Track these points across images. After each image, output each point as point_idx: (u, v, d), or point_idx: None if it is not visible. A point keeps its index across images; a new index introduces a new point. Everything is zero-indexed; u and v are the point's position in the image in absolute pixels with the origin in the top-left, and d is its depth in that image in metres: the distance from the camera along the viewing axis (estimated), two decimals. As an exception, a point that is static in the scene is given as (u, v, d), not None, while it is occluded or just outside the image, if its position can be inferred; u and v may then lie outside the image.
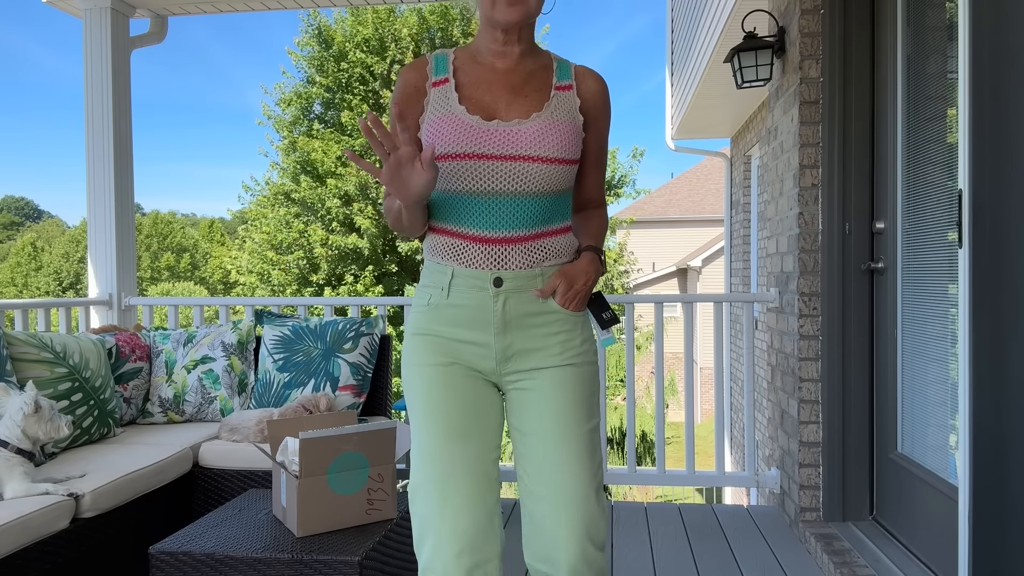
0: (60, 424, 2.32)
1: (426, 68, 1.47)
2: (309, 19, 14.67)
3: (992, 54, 1.77)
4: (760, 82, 3.33)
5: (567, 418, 1.41)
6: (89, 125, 3.95)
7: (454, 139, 1.39)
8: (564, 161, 1.42)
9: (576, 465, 1.39)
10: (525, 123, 1.41)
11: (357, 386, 3.18)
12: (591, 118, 1.50)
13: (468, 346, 1.45)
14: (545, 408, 1.43)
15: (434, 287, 1.46)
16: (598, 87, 1.51)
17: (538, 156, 1.39)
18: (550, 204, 1.45)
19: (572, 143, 1.44)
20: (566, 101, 1.46)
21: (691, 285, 20.93)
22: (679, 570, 2.72)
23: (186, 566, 1.93)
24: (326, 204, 13.77)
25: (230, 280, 16.46)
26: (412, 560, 2.26)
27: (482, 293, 1.42)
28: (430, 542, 1.37)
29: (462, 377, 1.45)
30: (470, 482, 1.37)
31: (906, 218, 2.62)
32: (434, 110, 1.44)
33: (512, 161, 1.38)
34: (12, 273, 36.59)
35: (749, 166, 7.84)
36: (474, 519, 1.36)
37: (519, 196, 1.40)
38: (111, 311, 3.95)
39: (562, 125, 1.43)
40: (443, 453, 1.38)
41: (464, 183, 1.40)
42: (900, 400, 2.68)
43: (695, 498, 11.23)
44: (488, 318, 1.43)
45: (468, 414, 1.42)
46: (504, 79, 1.46)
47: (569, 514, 1.37)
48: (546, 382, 1.44)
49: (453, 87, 1.44)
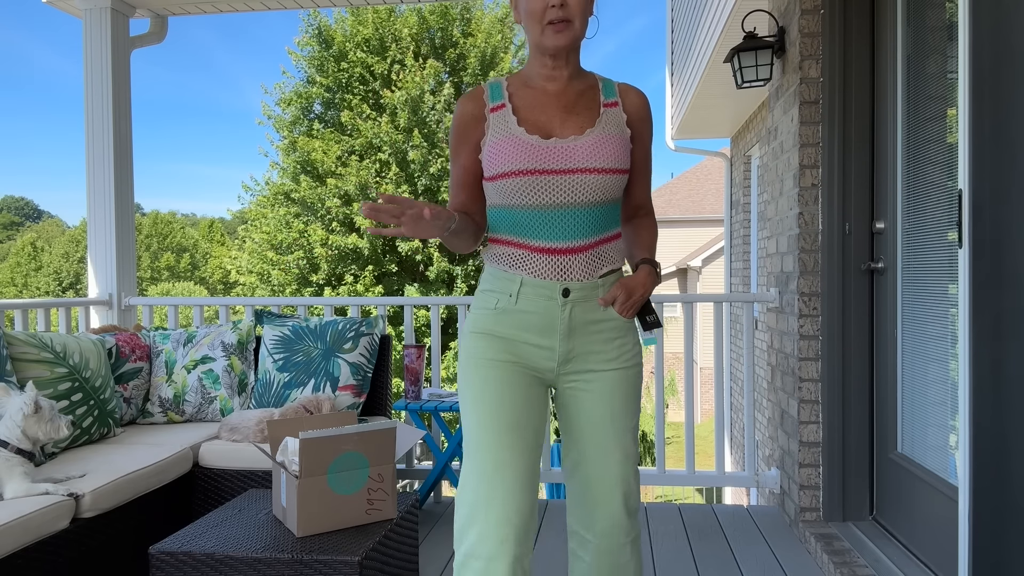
0: (60, 424, 2.32)
1: (483, 96, 1.59)
2: (309, 19, 14.67)
3: (992, 54, 1.77)
4: (760, 82, 3.33)
5: (617, 415, 1.58)
6: (89, 125, 3.95)
7: (517, 157, 1.51)
8: (617, 171, 1.54)
9: (620, 453, 1.57)
10: (580, 139, 1.53)
11: (357, 386, 3.18)
12: (636, 130, 1.62)
13: (533, 348, 1.57)
14: (599, 406, 1.58)
15: (501, 293, 1.57)
16: (640, 101, 1.63)
17: (594, 168, 1.51)
18: (605, 213, 1.57)
19: (622, 154, 1.55)
20: (614, 116, 1.58)
21: (691, 285, 20.93)
22: (679, 570, 2.72)
23: (186, 566, 1.93)
24: (326, 204, 13.77)
25: (230, 280, 16.46)
26: (412, 560, 2.26)
27: (550, 302, 1.54)
28: (476, 529, 1.46)
29: (520, 375, 1.56)
30: (519, 474, 1.48)
31: (906, 218, 2.62)
32: (495, 133, 1.55)
33: (571, 174, 1.50)
34: (12, 273, 36.59)
35: (749, 166, 7.84)
36: (519, 509, 1.46)
37: (578, 207, 1.53)
38: (111, 311, 3.95)
39: (613, 138, 1.55)
40: (496, 443, 1.49)
41: (527, 198, 1.52)
42: (900, 400, 2.68)
43: (695, 498, 11.23)
44: (555, 324, 1.55)
45: (521, 409, 1.53)
46: (556, 100, 1.57)
47: (610, 491, 1.56)
48: (602, 384, 1.59)
49: (511, 111, 1.56)
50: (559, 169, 1.50)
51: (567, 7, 1.48)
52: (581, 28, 1.52)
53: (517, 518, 1.46)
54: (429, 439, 3.41)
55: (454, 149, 1.59)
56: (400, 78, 13.94)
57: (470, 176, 1.61)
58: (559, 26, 1.49)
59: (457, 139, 1.58)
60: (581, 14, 1.51)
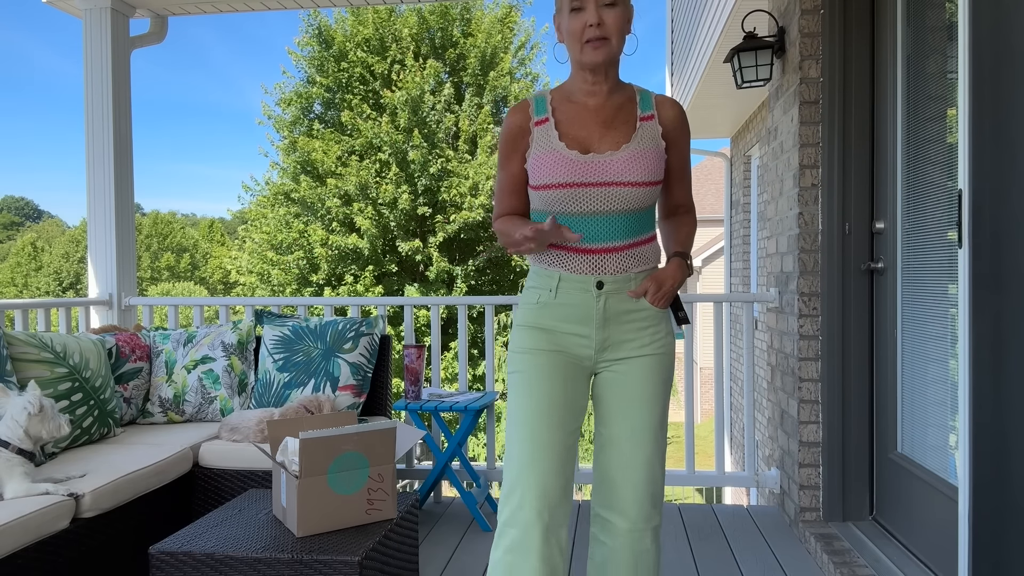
0: (61, 423, 2.33)
1: (528, 110, 1.73)
2: (309, 19, 14.66)
3: (992, 54, 1.77)
4: (760, 82, 3.33)
5: (647, 398, 1.70)
6: (89, 125, 3.95)
7: (558, 172, 1.65)
8: (649, 184, 1.67)
9: (647, 436, 1.69)
10: (616, 154, 1.65)
11: (357, 386, 3.18)
12: (671, 140, 1.73)
13: (573, 337, 1.71)
14: (631, 389, 1.71)
15: (542, 288, 1.73)
16: (675, 112, 1.74)
17: (628, 181, 1.64)
18: (638, 219, 1.70)
19: (656, 168, 1.67)
20: (650, 130, 1.69)
21: (691, 285, 20.93)
22: (679, 570, 2.72)
23: (186, 566, 1.93)
24: (326, 204, 13.77)
25: (230, 280, 16.46)
26: (412, 560, 2.26)
27: (586, 294, 1.69)
28: (515, 499, 1.61)
29: (563, 362, 1.70)
30: (556, 451, 1.64)
31: (906, 218, 2.62)
32: (538, 147, 1.69)
33: (606, 187, 1.64)
34: (12, 273, 36.58)
35: (749, 166, 7.83)
36: (555, 484, 1.62)
37: (613, 214, 1.67)
38: (111, 311, 3.95)
39: (647, 153, 1.67)
40: (538, 423, 1.64)
41: (567, 206, 1.67)
42: (900, 400, 2.68)
43: (695, 498, 11.23)
44: (591, 314, 1.69)
45: (562, 392, 1.68)
46: (596, 115, 1.70)
47: (636, 472, 1.68)
48: (635, 368, 1.71)
49: (553, 125, 1.69)
50: (596, 182, 1.63)
51: (604, 27, 1.60)
52: (618, 45, 1.64)
53: (553, 492, 1.61)
54: (429, 439, 3.41)
55: (504, 157, 1.74)
56: (400, 78, 13.94)
57: (518, 183, 1.76)
58: (596, 43, 1.61)
59: (506, 149, 1.73)
60: (618, 33, 1.63)
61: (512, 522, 1.60)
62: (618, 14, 1.62)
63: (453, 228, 13.71)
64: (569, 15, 1.63)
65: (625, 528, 1.69)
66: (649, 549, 1.71)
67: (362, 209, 13.60)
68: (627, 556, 1.69)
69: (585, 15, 1.60)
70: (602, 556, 1.74)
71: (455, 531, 3.14)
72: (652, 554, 1.71)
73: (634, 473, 1.68)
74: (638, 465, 1.68)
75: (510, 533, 1.60)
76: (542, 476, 1.60)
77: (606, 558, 1.73)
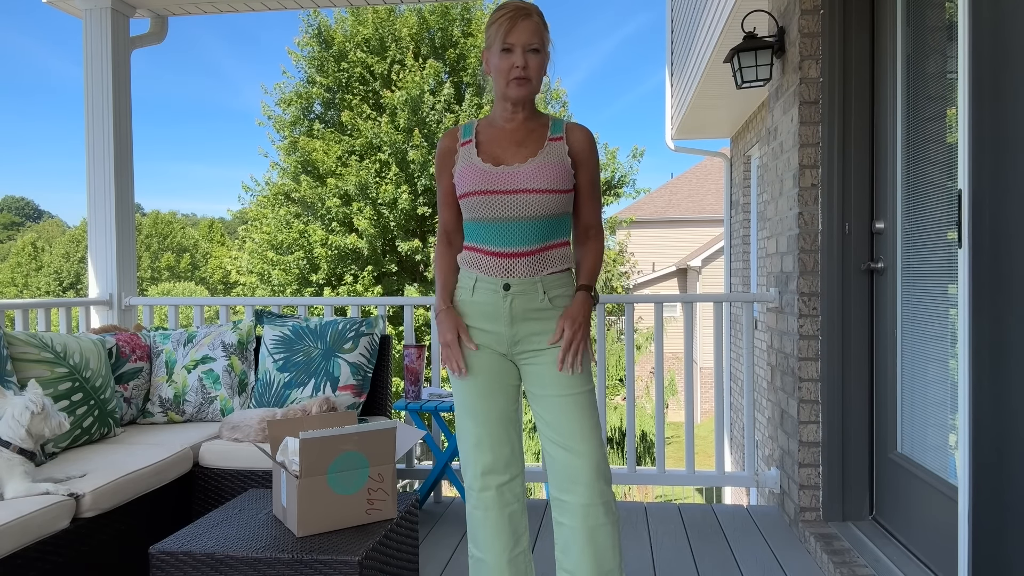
0: (61, 420, 2.33)
1: (457, 134, 2.02)
2: (309, 19, 14.67)
3: (992, 54, 1.77)
4: (760, 82, 3.33)
5: (569, 382, 1.90)
6: (89, 125, 3.95)
7: (474, 181, 1.91)
8: (552, 191, 1.89)
9: (581, 415, 1.89)
10: (523, 165, 1.90)
11: (357, 386, 3.18)
12: (579, 160, 1.96)
13: (485, 333, 1.95)
14: (552, 376, 1.91)
15: (464, 288, 1.98)
16: (582, 135, 1.98)
17: (532, 188, 1.88)
18: (546, 226, 1.92)
19: (559, 178, 1.90)
20: (557, 148, 1.94)
21: (691, 285, 20.93)
22: (679, 570, 2.72)
23: (186, 566, 1.93)
24: (326, 204, 13.77)
25: (230, 280, 16.46)
26: (412, 560, 2.26)
27: (496, 295, 1.92)
28: (469, 471, 1.98)
29: (487, 355, 1.97)
30: (496, 426, 1.96)
31: (906, 218, 2.62)
32: (461, 162, 1.97)
33: (514, 194, 1.88)
34: (12, 273, 36.58)
35: (749, 166, 7.83)
36: (498, 454, 1.96)
37: (523, 220, 1.89)
38: (111, 311, 3.95)
39: (552, 165, 1.91)
40: (475, 405, 1.96)
41: (482, 212, 1.90)
42: (900, 400, 2.68)
43: (695, 498, 11.23)
44: (499, 313, 1.92)
45: (493, 379, 1.97)
46: (511, 136, 1.96)
47: (580, 452, 1.87)
48: (549, 357, 1.92)
49: (474, 145, 1.98)
50: (505, 190, 1.88)
51: (528, 68, 1.88)
52: (537, 84, 1.93)
53: (497, 460, 1.95)
54: (429, 439, 3.41)
55: (438, 174, 2.04)
56: (400, 78, 13.94)
57: (449, 196, 2.02)
58: (520, 81, 1.89)
59: (439, 167, 2.03)
60: (537, 75, 1.91)
61: (472, 487, 1.98)
62: (540, 59, 1.90)
63: (453, 228, 13.68)
64: (500, 54, 1.89)
65: (577, 503, 1.86)
66: (604, 524, 1.86)
67: (362, 209, 13.61)
68: (583, 532, 1.86)
69: (513, 57, 1.87)
70: (563, 539, 1.91)
71: (455, 531, 3.15)
72: (608, 529, 1.87)
73: (579, 453, 1.86)
74: (581, 445, 1.87)
75: (473, 495, 1.98)
76: (483, 454, 1.95)
77: (566, 539, 1.89)
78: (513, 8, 1.89)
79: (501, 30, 1.87)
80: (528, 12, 1.89)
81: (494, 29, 1.89)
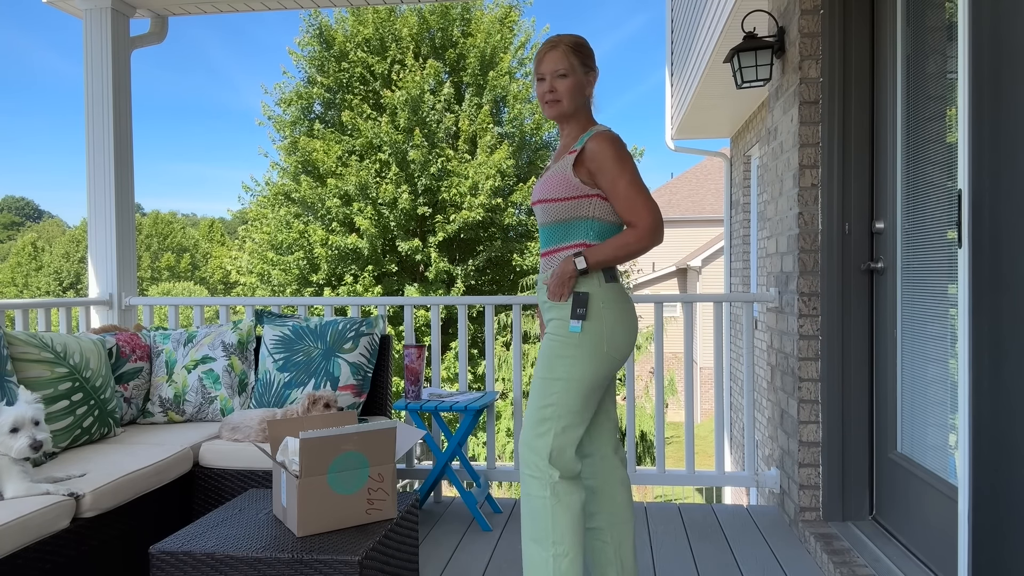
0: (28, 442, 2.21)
1: None
2: (310, 19, 14.66)
3: (992, 54, 1.77)
4: (760, 82, 3.33)
5: (536, 365, 2.13)
6: (89, 125, 3.95)
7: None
8: (543, 201, 2.12)
9: (532, 394, 2.12)
10: (538, 179, 2.19)
11: (357, 386, 3.18)
12: (593, 169, 2.07)
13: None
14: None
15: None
16: (592, 145, 2.08)
17: (536, 199, 2.15)
18: (554, 231, 2.13)
19: (555, 187, 2.09)
20: (567, 160, 2.10)
21: (691, 285, 20.93)
22: (679, 570, 2.72)
23: (186, 566, 1.93)
24: (326, 204, 13.76)
25: (230, 280, 16.45)
26: (412, 560, 2.26)
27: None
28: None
29: None
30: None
31: (906, 218, 2.62)
32: None
33: (534, 204, 2.18)
34: (12, 273, 36.57)
35: (749, 166, 7.83)
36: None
37: (540, 226, 2.19)
38: (111, 311, 3.95)
39: (551, 176, 2.12)
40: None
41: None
42: (900, 400, 2.68)
43: (695, 498, 11.23)
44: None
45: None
46: (558, 151, 2.21)
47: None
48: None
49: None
50: (532, 200, 2.19)
51: (556, 92, 2.12)
52: (568, 103, 2.12)
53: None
54: (429, 439, 3.41)
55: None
56: (400, 78, 13.93)
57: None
58: (550, 104, 2.14)
59: None
60: (568, 96, 2.11)
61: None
62: (568, 82, 2.10)
63: (453, 228, 13.71)
64: (536, 83, 2.17)
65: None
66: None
67: (362, 209, 13.60)
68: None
69: (543, 84, 2.13)
70: (590, 490, 2.18)
71: (455, 531, 3.14)
72: (530, 503, 2.05)
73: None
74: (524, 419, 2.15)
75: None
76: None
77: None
78: (545, 42, 2.16)
79: (535, 63, 2.17)
80: (555, 43, 2.13)
81: (534, 64, 2.19)
